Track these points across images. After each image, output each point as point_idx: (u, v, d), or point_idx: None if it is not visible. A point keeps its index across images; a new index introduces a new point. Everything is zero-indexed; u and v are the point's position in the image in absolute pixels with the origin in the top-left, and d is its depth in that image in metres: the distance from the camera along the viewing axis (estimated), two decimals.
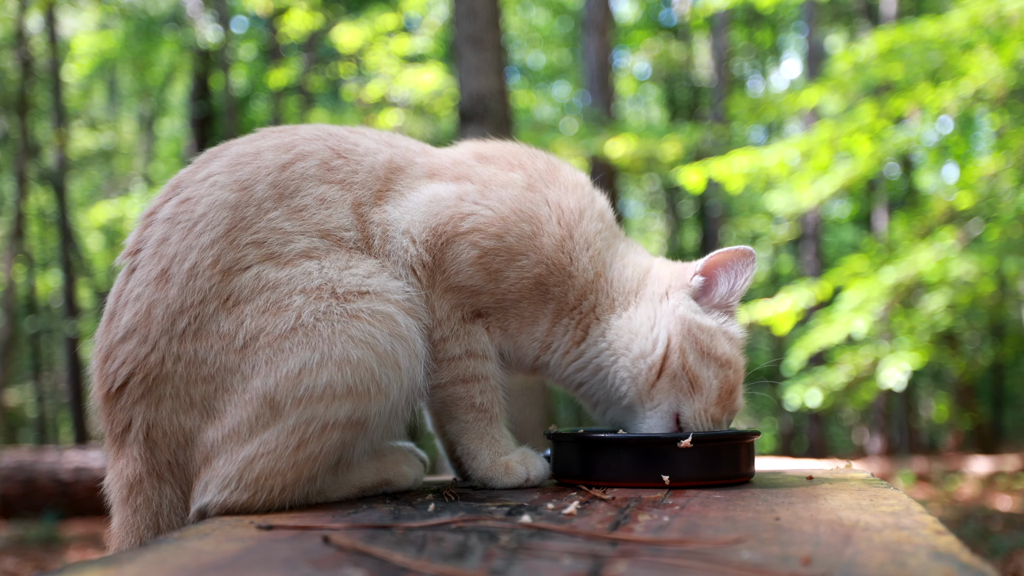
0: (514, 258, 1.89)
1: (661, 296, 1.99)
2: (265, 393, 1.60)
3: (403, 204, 1.86)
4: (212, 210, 1.70)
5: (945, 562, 1.06)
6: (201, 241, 1.68)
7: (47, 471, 9.32)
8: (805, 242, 15.69)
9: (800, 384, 8.40)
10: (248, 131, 1.93)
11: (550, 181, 1.99)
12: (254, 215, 1.72)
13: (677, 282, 2.00)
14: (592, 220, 1.99)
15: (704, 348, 1.92)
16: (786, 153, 8.39)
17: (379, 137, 1.97)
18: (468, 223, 1.85)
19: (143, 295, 1.67)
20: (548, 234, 1.91)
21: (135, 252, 1.74)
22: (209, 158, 1.84)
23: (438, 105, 12.69)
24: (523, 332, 1.98)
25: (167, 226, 1.72)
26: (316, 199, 1.77)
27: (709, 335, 1.94)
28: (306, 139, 1.86)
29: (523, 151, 2.06)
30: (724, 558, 1.10)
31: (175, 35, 16.55)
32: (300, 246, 1.71)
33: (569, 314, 1.99)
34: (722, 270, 2.00)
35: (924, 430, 22.75)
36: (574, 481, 1.90)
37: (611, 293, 2.00)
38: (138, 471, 1.66)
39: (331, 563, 1.11)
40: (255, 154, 1.80)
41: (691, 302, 1.98)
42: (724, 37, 16.89)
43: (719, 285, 2.00)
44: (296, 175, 1.78)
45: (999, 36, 7.34)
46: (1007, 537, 7.86)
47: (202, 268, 1.66)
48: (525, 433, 4.46)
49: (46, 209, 18.12)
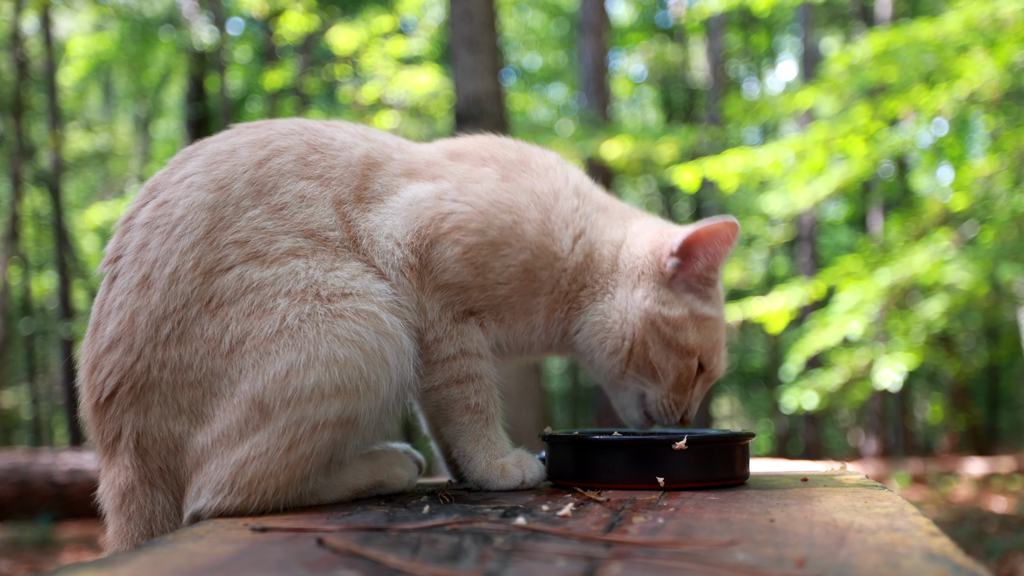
0: (498, 249, 1.89)
1: (634, 282, 2.00)
2: (253, 396, 1.59)
3: (384, 210, 1.85)
4: (190, 212, 1.68)
5: (939, 564, 1.06)
6: (181, 244, 1.66)
7: (42, 473, 9.29)
8: (801, 244, 15.72)
9: (796, 387, 8.42)
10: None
11: (522, 169, 1.99)
12: (232, 214, 1.69)
13: (650, 265, 1.99)
14: (567, 198, 1.99)
15: (667, 340, 1.97)
16: (781, 153, 8.42)
17: (355, 131, 1.95)
18: (449, 222, 1.85)
19: (126, 303, 1.65)
20: (528, 220, 1.91)
21: (115, 260, 1.72)
22: (184, 158, 1.81)
23: (434, 107, 12.70)
24: (519, 322, 1.99)
25: (146, 231, 1.70)
26: (296, 196, 1.75)
27: (674, 327, 1.97)
28: (281, 134, 1.84)
29: (494, 143, 2.06)
30: (718, 560, 1.10)
31: (171, 37, 16.53)
32: (285, 245, 1.70)
33: (563, 301, 2.01)
34: (700, 247, 1.98)
35: (919, 432, 22.79)
36: (569, 483, 1.90)
37: (595, 277, 2.01)
38: (130, 479, 1.65)
39: (325, 565, 1.11)
40: (230, 152, 1.78)
41: (660, 292, 1.98)
42: (720, 39, 16.92)
43: (697, 260, 1.99)
44: (273, 171, 1.76)
45: (994, 38, 7.36)
46: (1002, 539, 7.87)
47: (183, 272, 1.64)
48: (521, 434, 4.46)
49: (41, 211, 18.10)
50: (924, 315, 8.11)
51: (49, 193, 15.97)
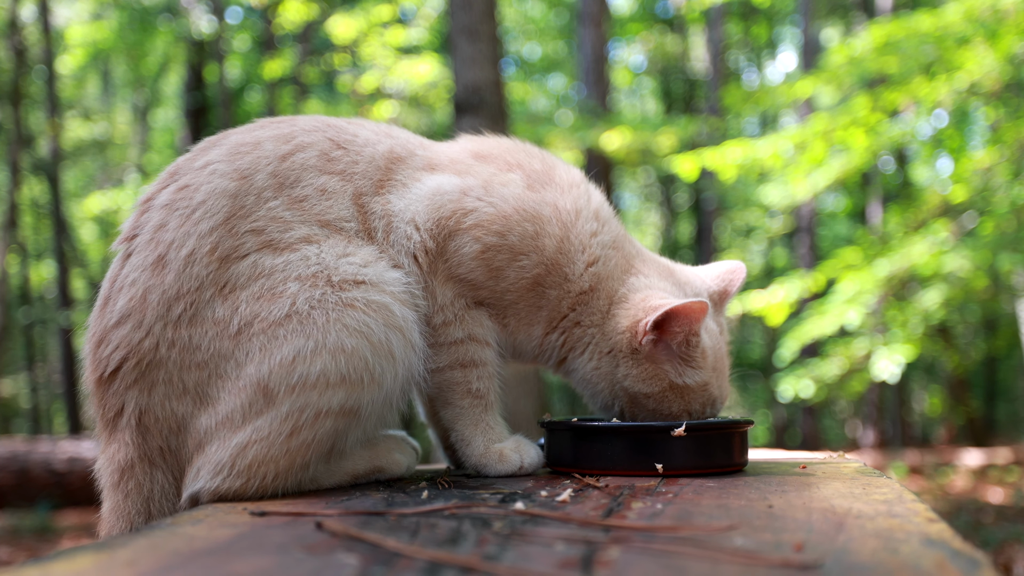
0: (515, 257, 1.90)
1: (615, 356, 2.00)
2: (259, 380, 1.60)
3: (407, 195, 1.86)
4: (211, 198, 1.70)
5: (937, 549, 1.07)
6: (199, 228, 1.67)
7: (41, 461, 9.30)
8: (800, 235, 15.70)
9: (793, 376, 8.42)
10: (242, 122, 1.94)
11: (547, 181, 1.99)
12: (253, 204, 1.72)
13: (628, 344, 1.97)
14: (587, 220, 1.99)
15: (655, 406, 1.98)
16: (780, 144, 8.40)
17: (378, 128, 1.98)
18: (471, 219, 1.86)
19: (139, 280, 1.67)
20: (549, 235, 1.93)
21: (131, 238, 1.74)
22: (208, 146, 1.84)
23: (433, 97, 12.67)
24: (520, 331, 2.01)
25: (165, 212, 1.72)
26: (317, 190, 1.78)
27: (657, 400, 1.98)
28: (305, 130, 1.86)
29: (519, 150, 2.06)
30: (716, 544, 1.11)
31: (169, 25, 16.47)
32: (299, 233, 1.72)
33: (561, 324, 2.02)
34: (674, 323, 1.92)
35: (917, 423, 22.82)
36: (568, 469, 1.91)
37: (590, 320, 2.02)
38: (130, 456, 1.66)
39: (324, 548, 1.12)
40: (255, 144, 1.80)
41: (640, 368, 1.97)
42: (720, 30, 16.87)
43: (674, 334, 1.94)
44: (296, 165, 1.79)
45: (994, 30, 7.34)
46: (998, 529, 7.89)
47: (200, 255, 1.66)
48: (520, 424, 4.47)
49: (40, 199, 18.06)
50: (922, 305, 8.11)
51: (48, 181, 15.93)
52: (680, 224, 23.25)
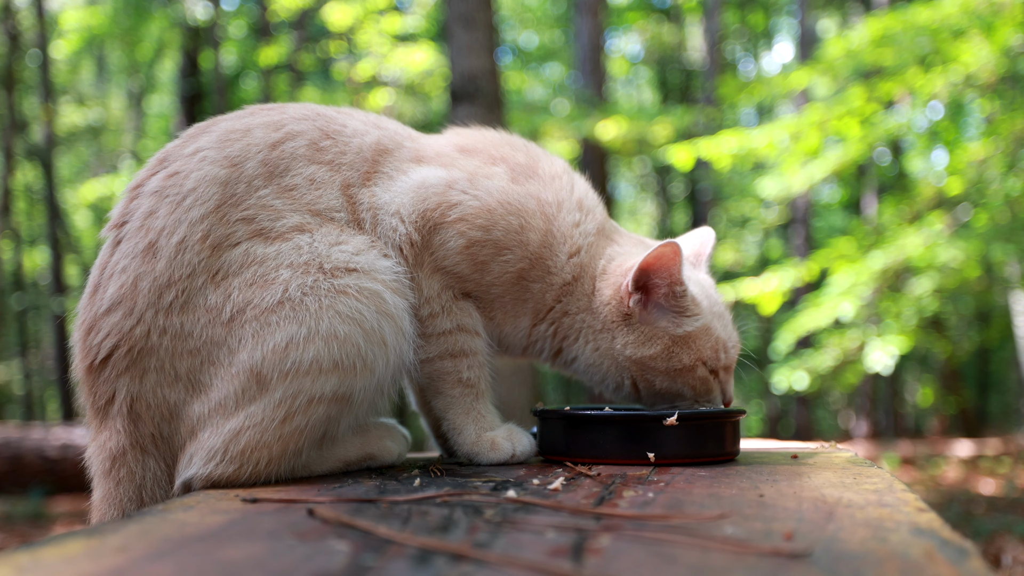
0: (500, 252, 1.91)
1: (610, 331, 2.00)
2: (252, 366, 1.60)
3: (393, 187, 1.86)
4: (202, 185, 1.70)
5: (926, 538, 1.07)
6: (191, 215, 1.67)
7: (34, 448, 9.29)
8: (795, 226, 15.72)
9: (787, 367, 8.44)
10: (238, 109, 1.93)
11: (531, 174, 2.00)
12: (244, 192, 1.72)
13: (617, 311, 1.98)
14: (570, 211, 1.99)
15: (664, 369, 1.97)
16: (775, 134, 8.41)
17: (366, 119, 1.97)
18: (456, 212, 1.87)
19: (129, 267, 1.66)
20: (533, 228, 1.93)
21: (121, 224, 1.73)
22: (197, 133, 1.83)
23: (429, 85, 12.65)
24: (507, 323, 2.02)
25: (155, 199, 1.71)
26: (306, 179, 1.78)
27: (664, 359, 1.97)
28: (295, 119, 1.86)
29: (504, 143, 2.06)
30: (707, 533, 1.11)
31: (164, 11, 16.38)
32: (291, 222, 1.72)
33: (548, 315, 2.03)
34: (653, 274, 1.92)
35: (910, 414, 22.92)
36: (560, 458, 1.91)
37: (578, 307, 2.02)
38: (121, 444, 1.66)
39: (315, 535, 1.12)
40: (244, 131, 1.80)
41: (636, 332, 1.97)
42: (717, 20, 16.83)
43: (657, 287, 1.94)
44: (286, 154, 1.79)
45: (990, 22, 7.35)
46: (989, 520, 7.93)
47: (191, 242, 1.65)
48: (513, 413, 4.47)
49: (33, 185, 18.00)
50: (915, 294, 8.14)
51: (41, 167, 15.87)
52: (676, 214, 23.24)
